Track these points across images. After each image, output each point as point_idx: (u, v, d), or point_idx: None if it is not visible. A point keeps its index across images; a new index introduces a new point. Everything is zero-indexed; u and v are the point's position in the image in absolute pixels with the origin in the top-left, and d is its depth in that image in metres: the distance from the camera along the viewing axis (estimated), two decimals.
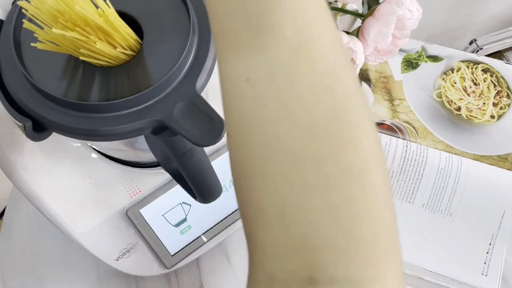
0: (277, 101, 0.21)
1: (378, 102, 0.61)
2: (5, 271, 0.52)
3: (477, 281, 0.52)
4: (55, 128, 0.31)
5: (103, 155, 0.42)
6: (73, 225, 0.41)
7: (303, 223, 0.20)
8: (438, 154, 0.57)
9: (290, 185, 0.20)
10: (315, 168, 0.20)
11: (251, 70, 0.21)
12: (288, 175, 0.20)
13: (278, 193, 0.21)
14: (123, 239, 0.44)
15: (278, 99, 0.21)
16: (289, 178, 0.20)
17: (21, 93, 0.30)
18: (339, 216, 0.20)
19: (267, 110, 0.21)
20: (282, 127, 0.21)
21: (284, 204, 0.21)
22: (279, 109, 0.21)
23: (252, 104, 0.21)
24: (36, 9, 0.29)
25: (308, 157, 0.20)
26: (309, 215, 0.20)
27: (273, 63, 0.21)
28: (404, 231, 0.54)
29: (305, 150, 0.20)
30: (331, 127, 0.20)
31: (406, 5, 0.44)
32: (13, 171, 0.38)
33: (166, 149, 0.31)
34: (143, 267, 0.45)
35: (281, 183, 0.21)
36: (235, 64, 0.22)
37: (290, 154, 0.20)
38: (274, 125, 0.21)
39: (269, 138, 0.21)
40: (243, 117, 0.22)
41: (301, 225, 0.20)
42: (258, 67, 0.21)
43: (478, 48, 0.65)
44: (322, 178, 0.20)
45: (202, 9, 0.34)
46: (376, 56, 0.50)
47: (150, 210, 0.44)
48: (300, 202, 0.20)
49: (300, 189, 0.20)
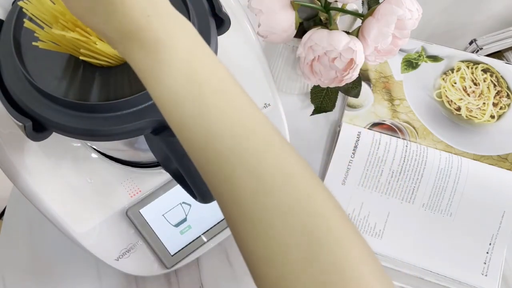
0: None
1: (378, 102, 0.61)
2: (5, 271, 0.52)
3: (477, 281, 0.52)
4: (55, 128, 0.31)
5: (103, 155, 0.42)
6: (73, 225, 0.41)
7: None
8: (438, 154, 0.57)
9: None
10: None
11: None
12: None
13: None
14: (123, 239, 0.44)
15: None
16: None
17: (21, 93, 0.30)
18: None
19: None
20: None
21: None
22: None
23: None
24: (37, 9, 0.29)
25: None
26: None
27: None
28: (404, 231, 0.54)
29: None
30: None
31: (406, 5, 0.44)
32: (13, 171, 0.38)
33: (166, 149, 0.31)
34: (143, 267, 0.45)
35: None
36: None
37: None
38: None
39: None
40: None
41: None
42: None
43: (478, 48, 0.65)
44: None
45: (202, 9, 0.34)
46: (376, 56, 0.50)
47: (150, 210, 0.44)
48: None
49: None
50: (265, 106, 0.48)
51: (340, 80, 0.49)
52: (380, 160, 0.56)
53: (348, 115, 0.60)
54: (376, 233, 0.54)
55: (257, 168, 0.23)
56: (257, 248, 0.23)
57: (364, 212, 0.55)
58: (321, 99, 0.58)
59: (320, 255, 0.22)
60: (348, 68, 0.47)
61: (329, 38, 0.45)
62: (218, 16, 0.35)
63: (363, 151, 0.57)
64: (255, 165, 0.23)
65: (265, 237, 0.23)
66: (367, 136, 0.58)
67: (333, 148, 0.58)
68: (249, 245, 0.24)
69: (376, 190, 0.55)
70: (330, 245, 0.22)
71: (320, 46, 0.46)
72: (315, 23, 0.50)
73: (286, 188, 0.23)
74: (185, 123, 0.24)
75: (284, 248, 0.23)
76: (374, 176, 0.56)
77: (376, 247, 0.54)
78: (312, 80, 0.51)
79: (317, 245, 0.22)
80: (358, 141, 0.58)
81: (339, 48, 0.45)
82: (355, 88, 0.58)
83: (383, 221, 0.55)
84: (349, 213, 0.55)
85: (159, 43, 0.24)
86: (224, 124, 0.24)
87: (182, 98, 0.24)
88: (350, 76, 0.48)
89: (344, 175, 0.56)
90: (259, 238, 0.23)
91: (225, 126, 0.24)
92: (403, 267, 0.53)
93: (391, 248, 0.54)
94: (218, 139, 0.24)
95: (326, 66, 0.48)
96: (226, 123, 0.24)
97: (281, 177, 0.24)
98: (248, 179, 0.23)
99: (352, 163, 0.57)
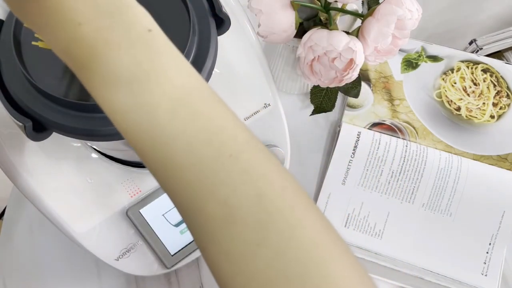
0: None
1: (378, 102, 0.61)
2: (5, 271, 0.52)
3: (477, 281, 0.52)
4: (55, 128, 0.31)
5: (103, 155, 0.42)
6: (73, 225, 0.41)
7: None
8: (438, 154, 0.57)
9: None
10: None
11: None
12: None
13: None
14: (123, 239, 0.44)
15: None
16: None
17: (21, 93, 0.30)
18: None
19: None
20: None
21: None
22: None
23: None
24: None
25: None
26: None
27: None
28: (404, 231, 0.54)
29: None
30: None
31: (406, 5, 0.44)
32: (13, 171, 0.38)
33: None
34: (143, 267, 0.45)
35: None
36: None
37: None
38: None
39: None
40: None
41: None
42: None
43: (478, 48, 0.65)
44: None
45: (202, 9, 0.34)
46: (376, 56, 0.50)
47: (150, 210, 0.44)
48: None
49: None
50: (265, 106, 0.48)
51: (340, 80, 0.49)
52: (380, 160, 0.56)
53: (348, 115, 0.60)
54: (376, 233, 0.54)
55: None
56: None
57: (364, 212, 0.55)
58: (321, 99, 0.58)
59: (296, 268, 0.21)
60: (348, 68, 0.47)
61: (329, 38, 0.45)
62: (218, 16, 0.35)
63: (363, 151, 0.57)
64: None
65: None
66: (367, 136, 0.58)
67: (333, 148, 0.58)
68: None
69: (376, 190, 0.55)
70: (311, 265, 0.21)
71: (320, 46, 0.46)
72: (315, 23, 0.50)
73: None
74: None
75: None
76: (374, 176, 0.56)
77: (376, 247, 0.54)
78: (312, 80, 0.51)
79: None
80: (358, 141, 0.58)
81: (339, 48, 0.45)
82: (355, 88, 0.58)
83: (383, 221, 0.55)
84: (349, 213, 0.55)
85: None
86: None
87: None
88: (350, 76, 0.48)
89: (344, 175, 0.56)
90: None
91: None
92: (403, 267, 0.53)
93: (391, 248, 0.54)
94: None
95: (326, 66, 0.48)
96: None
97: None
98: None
99: (352, 163, 0.57)
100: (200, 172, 0.21)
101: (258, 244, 0.21)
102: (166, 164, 0.22)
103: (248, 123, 0.47)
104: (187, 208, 0.22)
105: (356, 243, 0.54)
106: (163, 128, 0.21)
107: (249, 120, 0.47)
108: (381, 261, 0.53)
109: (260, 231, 0.21)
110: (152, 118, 0.21)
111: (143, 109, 0.21)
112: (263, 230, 0.21)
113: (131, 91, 0.21)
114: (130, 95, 0.21)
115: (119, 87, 0.21)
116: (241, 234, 0.21)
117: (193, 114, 0.21)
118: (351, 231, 0.54)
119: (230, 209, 0.21)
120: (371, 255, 0.54)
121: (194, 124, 0.21)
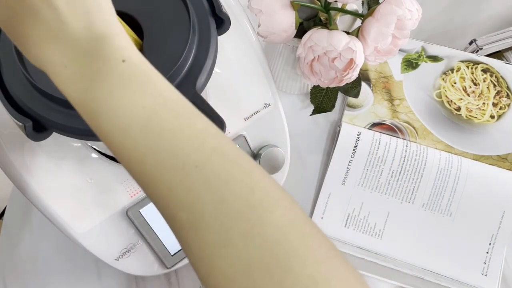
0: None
1: (378, 102, 0.61)
2: (5, 271, 0.52)
3: (477, 281, 0.52)
4: (55, 128, 0.31)
5: (103, 155, 0.42)
6: (73, 225, 0.41)
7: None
8: (438, 154, 0.57)
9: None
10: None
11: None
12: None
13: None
14: (123, 239, 0.44)
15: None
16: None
17: (21, 93, 0.31)
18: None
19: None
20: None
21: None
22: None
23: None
24: None
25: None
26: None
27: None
28: (404, 231, 0.54)
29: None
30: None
31: (406, 5, 0.44)
32: (13, 171, 0.38)
33: None
34: (143, 267, 0.45)
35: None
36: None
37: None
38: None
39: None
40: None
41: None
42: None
43: (478, 48, 0.65)
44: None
45: (202, 9, 0.34)
46: (376, 56, 0.50)
47: (150, 210, 0.44)
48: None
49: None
50: (265, 106, 0.48)
51: (340, 80, 0.49)
52: (380, 160, 0.56)
53: (348, 115, 0.60)
54: (376, 233, 0.54)
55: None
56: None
57: (364, 212, 0.55)
58: (321, 99, 0.58)
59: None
60: (348, 68, 0.47)
61: (329, 38, 0.45)
62: (218, 16, 0.35)
63: (363, 151, 0.57)
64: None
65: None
66: (367, 136, 0.58)
67: (333, 148, 0.58)
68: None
69: (376, 190, 0.55)
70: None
71: (320, 46, 0.46)
72: (315, 23, 0.50)
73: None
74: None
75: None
76: (374, 176, 0.56)
77: (376, 247, 0.54)
78: (312, 80, 0.51)
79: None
80: (358, 141, 0.58)
81: (339, 48, 0.45)
82: (355, 88, 0.58)
83: (383, 221, 0.55)
84: (349, 213, 0.55)
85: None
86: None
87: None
88: (350, 76, 0.48)
89: (344, 175, 0.56)
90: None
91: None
92: (403, 267, 0.53)
93: (391, 248, 0.54)
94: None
95: (326, 66, 0.48)
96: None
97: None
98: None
99: (352, 163, 0.57)
100: (169, 183, 0.23)
101: (223, 246, 0.23)
102: (141, 178, 0.24)
103: (248, 123, 0.47)
104: (164, 216, 0.25)
105: (356, 243, 0.54)
106: (135, 147, 0.23)
107: (249, 120, 0.47)
108: (381, 261, 0.53)
109: (224, 233, 0.23)
110: (125, 138, 0.23)
111: (117, 131, 0.23)
112: (227, 232, 0.23)
113: (106, 118, 0.23)
114: (106, 122, 0.23)
115: (99, 115, 0.23)
116: (206, 237, 0.23)
117: (159, 133, 0.23)
118: (351, 231, 0.54)
119: (195, 215, 0.23)
120: (371, 255, 0.54)
121: (160, 142, 0.23)
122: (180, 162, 0.23)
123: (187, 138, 0.24)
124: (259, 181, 0.24)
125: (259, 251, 0.22)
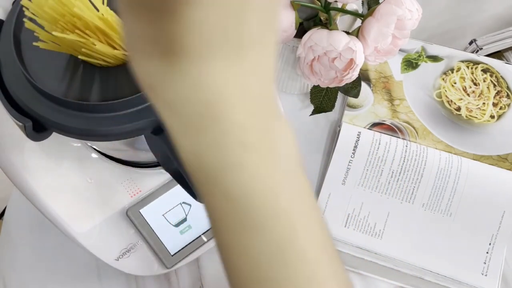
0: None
1: (378, 102, 0.61)
2: (5, 271, 0.52)
3: (477, 281, 0.52)
4: (55, 128, 0.31)
5: (103, 155, 0.42)
6: (73, 225, 0.41)
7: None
8: (438, 154, 0.57)
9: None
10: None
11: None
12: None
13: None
14: (123, 239, 0.44)
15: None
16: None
17: (21, 93, 0.30)
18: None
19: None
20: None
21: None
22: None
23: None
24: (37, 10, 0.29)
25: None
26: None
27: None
28: (404, 231, 0.54)
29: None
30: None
31: (406, 5, 0.44)
32: (13, 171, 0.38)
33: (166, 149, 0.31)
34: (143, 267, 0.45)
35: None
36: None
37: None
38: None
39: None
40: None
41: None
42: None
43: (478, 48, 0.65)
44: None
45: None
46: (376, 56, 0.50)
47: (150, 210, 0.44)
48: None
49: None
50: None
51: (340, 80, 0.49)
52: (380, 160, 0.56)
53: (348, 115, 0.60)
54: (376, 233, 0.54)
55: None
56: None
57: (364, 212, 0.55)
58: (321, 99, 0.58)
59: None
60: (348, 68, 0.47)
61: (329, 38, 0.45)
62: None
63: (363, 151, 0.57)
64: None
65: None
66: (367, 136, 0.58)
67: (333, 148, 0.58)
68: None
69: (376, 190, 0.55)
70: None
71: (320, 46, 0.46)
72: (315, 23, 0.50)
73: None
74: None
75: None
76: (374, 176, 0.56)
77: (376, 247, 0.54)
78: (312, 80, 0.51)
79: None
80: (358, 141, 0.58)
81: (339, 48, 0.45)
82: (355, 88, 0.58)
83: (383, 221, 0.55)
84: (349, 213, 0.55)
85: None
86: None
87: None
88: (350, 76, 0.48)
89: (344, 175, 0.56)
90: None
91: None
92: (403, 267, 0.53)
93: (391, 248, 0.54)
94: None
95: (326, 66, 0.48)
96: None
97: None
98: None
99: (352, 163, 0.57)
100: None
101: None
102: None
103: None
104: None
105: (356, 243, 0.54)
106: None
107: None
108: (381, 261, 0.53)
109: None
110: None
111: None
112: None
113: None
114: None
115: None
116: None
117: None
118: (351, 231, 0.54)
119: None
120: (371, 255, 0.54)
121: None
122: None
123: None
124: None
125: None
